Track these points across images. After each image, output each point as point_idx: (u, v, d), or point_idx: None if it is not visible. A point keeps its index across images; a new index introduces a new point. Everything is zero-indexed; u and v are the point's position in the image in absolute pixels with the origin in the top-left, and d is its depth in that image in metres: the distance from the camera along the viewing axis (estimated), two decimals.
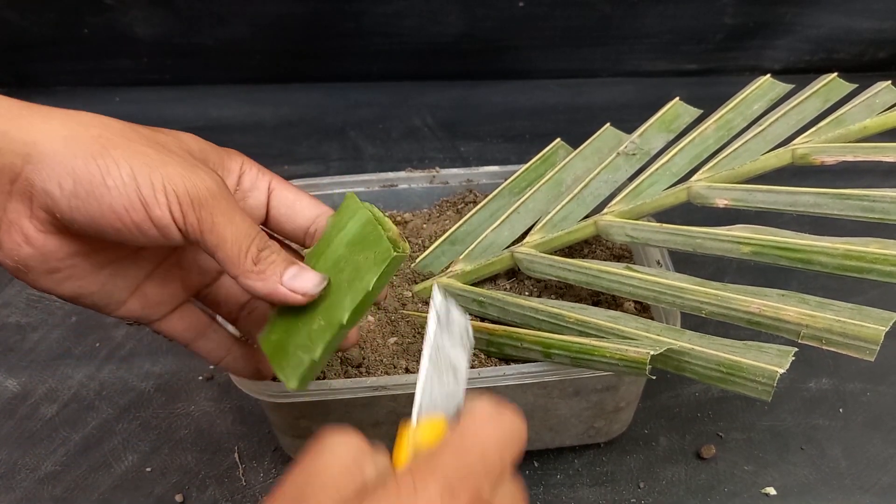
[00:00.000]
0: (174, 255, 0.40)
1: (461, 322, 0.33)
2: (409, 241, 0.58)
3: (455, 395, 0.31)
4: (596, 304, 0.52)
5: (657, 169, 0.53)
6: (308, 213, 0.40)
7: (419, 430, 0.30)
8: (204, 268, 0.41)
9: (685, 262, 0.54)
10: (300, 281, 0.36)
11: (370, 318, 0.52)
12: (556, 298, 0.52)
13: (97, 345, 0.63)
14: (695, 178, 0.53)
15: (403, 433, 0.29)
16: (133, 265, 0.38)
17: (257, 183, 0.39)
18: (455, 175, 0.62)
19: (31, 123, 0.32)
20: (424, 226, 0.60)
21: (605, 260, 0.55)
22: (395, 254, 0.36)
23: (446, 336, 0.32)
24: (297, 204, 0.40)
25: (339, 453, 0.27)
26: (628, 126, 0.59)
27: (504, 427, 0.28)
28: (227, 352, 0.42)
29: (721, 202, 0.51)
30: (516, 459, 0.28)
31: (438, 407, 0.31)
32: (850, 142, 0.52)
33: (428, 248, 0.56)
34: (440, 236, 0.56)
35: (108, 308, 0.38)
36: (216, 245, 0.34)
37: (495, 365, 0.48)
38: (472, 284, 0.53)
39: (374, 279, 0.36)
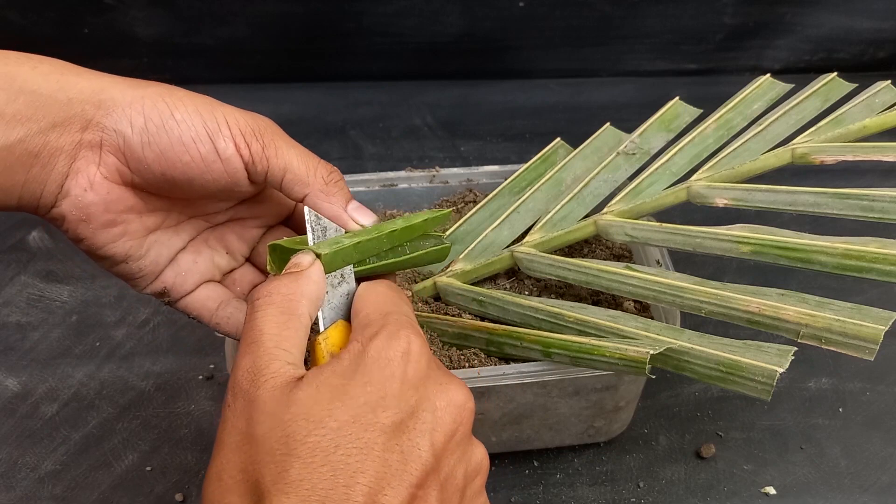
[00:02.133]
0: (205, 233, 0.41)
1: (334, 227, 0.37)
2: None
3: (349, 293, 0.35)
4: (596, 303, 0.52)
5: (657, 168, 0.53)
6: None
7: (328, 337, 0.33)
8: (231, 249, 0.42)
9: (685, 261, 0.54)
10: (361, 214, 0.38)
11: None
12: (556, 298, 0.52)
13: (97, 344, 0.63)
14: (694, 177, 0.53)
15: (316, 343, 0.33)
16: (174, 236, 0.39)
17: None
18: (455, 174, 0.62)
19: (97, 76, 0.35)
20: None
21: (604, 259, 0.55)
22: (447, 246, 0.41)
23: (323, 237, 0.36)
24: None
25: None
26: (628, 126, 0.59)
27: (385, 284, 0.35)
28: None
29: (721, 202, 0.51)
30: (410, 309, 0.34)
31: (340, 312, 0.35)
32: (849, 141, 0.52)
33: None
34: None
35: (147, 278, 0.39)
36: (284, 167, 0.36)
37: (495, 364, 0.48)
38: (472, 284, 0.53)
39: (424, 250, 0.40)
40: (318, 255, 0.34)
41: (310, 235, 0.36)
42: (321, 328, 0.34)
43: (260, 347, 0.29)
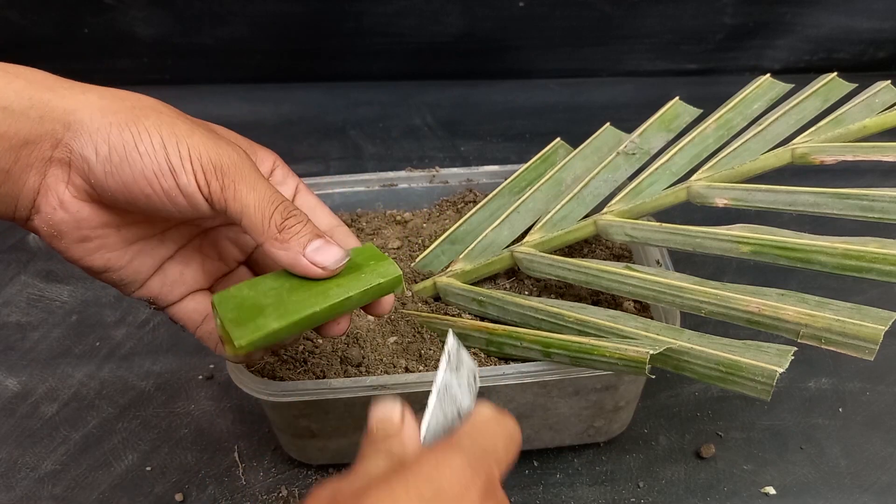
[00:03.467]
0: (196, 240, 0.41)
1: (470, 366, 0.35)
2: (409, 241, 0.59)
3: (463, 411, 0.34)
4: (596, 303, 0.52)
5: (657, 168, 0.53)
6: (324, 222, 0.41)
7: None
8: (223, 254, 0.42)
9: (685, 261, 0.54)
10: (322, 254, 0.36)
11: (370, 317, 0.52)
12: (556, 298, 0.52)
13: (97, 344, 0.63)
14: (694, 177, 0.53)
15: None
16: (160, 245, 0.39)
17: (286, 181, 0.42)
18: (455, 174, 0.62)
19: (71, 94, 0.34)
20: (424, 225, 0.60)
21: (604, 259, 0.55)
22: (399, 273, 0.38)
23: (454, 376, 0.33)
24: (317, 211, 0.42)
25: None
26: (628, 125, 0.59)
27: (508, 425, 0.31)
28: None
29: (720, 201, 0.51)
30: (512, 462, 0.31)
31: (444, 429, 0.32)
32: (849, 141, 0.52)
33: (428, 247, 0.56)
34: (440, 235, 0.56)
35: (132, 286, 0.39)
36: (240, 212, 0.35)
37: (495, 364, 0.48)
38: (472, 284, 0.53)
39: (371, 284, 0.37)
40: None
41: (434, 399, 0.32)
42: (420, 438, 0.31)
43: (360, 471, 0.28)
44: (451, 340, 0.33)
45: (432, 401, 0.31)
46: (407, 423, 0.30)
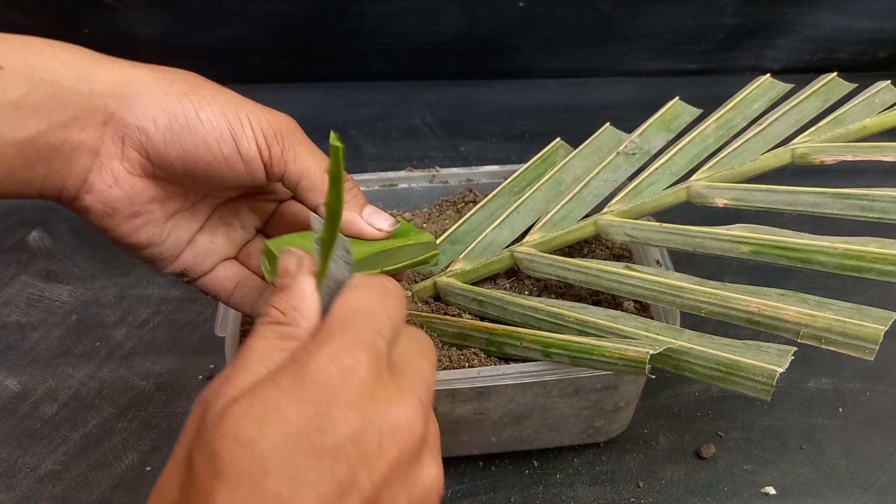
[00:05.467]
0: (219, 210, 0.41)
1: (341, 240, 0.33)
2: None
3: (340, 282, 0.32)
4: (596, 303, 0.52)
5: (657, 168, 0.53)
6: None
7: None
8: (244, 222, 0.42)
9: (685, 261, 0.54)
10: (377, 217, 0.39)
11: None
12: (556, 298, 0.52)
13: (97, 344, 0.63)
14: (694, 177, 0.53)
15: None
16: (192, 217, 0.39)
17: None
18: (455, 174, 0.62)
19: (120, 67, 0.34)
20: (424, 225, 0.60)
21: (604, 259, 0.55)
22: (433, 238, 0.41)
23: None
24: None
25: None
26: (628, 125, 0.59)
27: (372, 286, 0.29)
28: (260, 296, 0.42)
29: (720, 201, 0.51)
30: (402, 312, 0.29)
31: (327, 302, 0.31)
32: (849, 141, 0.52)
33: None
34: (440, 235, 0.56)
35: (168, 259, 0.39)
36: (300, 173, 0.36)
37: (495, 364, 0.48)
38: (472, 284, 0.53)
39: (416, 241, 0.40)
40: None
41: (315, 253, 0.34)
42: None
43: (241, 364, 0.27)
44: (315, 223, 0.32)
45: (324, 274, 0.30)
46: (304, 294, 0.28)
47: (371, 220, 0.38)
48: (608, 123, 0.59)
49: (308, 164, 0.36)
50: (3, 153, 0.32)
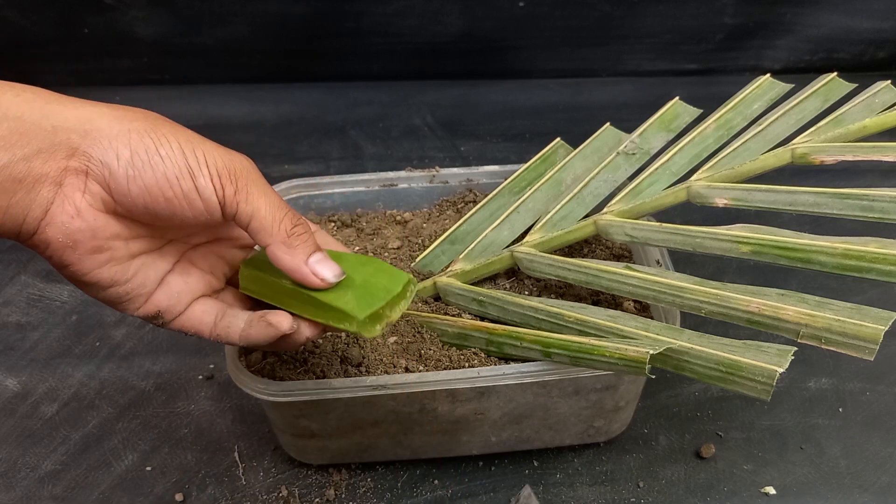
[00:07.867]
0: (188, 255, 0.41)
1: None
2: (409, 241, 0.59)
3: None
4: (596, 303, 0.52)
5: (657, 168, 0.53)
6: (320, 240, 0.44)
7: None
8: (214, 269, 0.42)
9: (685, 261, 0.54)
10: (323, 267, 0.39)
11: None
12: (556, 298, 0.52)
13: (97, 344, 0.63)
14: (694, 177, 0.53)
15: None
16: (160, 259, 0.39)
17: None
18: (455, 174, 0.62)
19: (82, 105, 0.35)
20: (424, 225, 0.60)
21: (604, 259, 0.55)
22: (412, 277, 0.41)
23: None
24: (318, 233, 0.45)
25: None
26: (628, 125, 0.59)
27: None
28: (248, 324, 0.42)
29: (720, 202, 0.51)
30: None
31: None
32: (849, 141, 0.52)
33: (428, 247, 0.56)
34: (440, 235, 0.56)
35: (137, 300, 0.39)
36: (251, 214, 0.37)
37: (495, 364, 0.48)
38: (472, 284, 0.53)
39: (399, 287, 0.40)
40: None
41: None
42: None
43: None
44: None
45: None
46: None
47: (316, 269, 0.38)
48: (608, 123, 0.59)
49: (259, 205, 0.37)
50: None
